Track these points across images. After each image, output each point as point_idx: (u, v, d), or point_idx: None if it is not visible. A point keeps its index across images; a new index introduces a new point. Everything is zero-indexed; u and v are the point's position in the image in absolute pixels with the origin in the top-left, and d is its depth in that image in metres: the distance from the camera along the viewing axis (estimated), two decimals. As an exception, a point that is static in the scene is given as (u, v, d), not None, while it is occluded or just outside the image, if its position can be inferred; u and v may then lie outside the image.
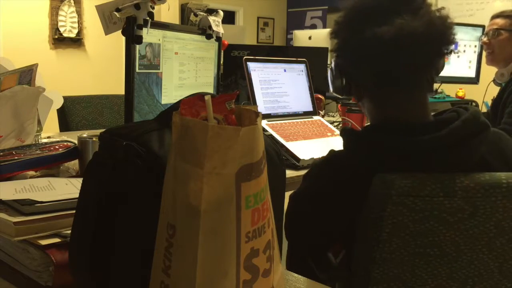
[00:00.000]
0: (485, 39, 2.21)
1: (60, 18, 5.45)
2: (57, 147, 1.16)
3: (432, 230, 0.88)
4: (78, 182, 0.98)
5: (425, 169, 0.89)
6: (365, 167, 0.93)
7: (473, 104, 3.21)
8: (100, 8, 1.39)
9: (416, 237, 0.88)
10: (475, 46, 3.07)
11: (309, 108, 1.79)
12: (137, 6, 1.28)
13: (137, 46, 1.34)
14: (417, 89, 0.99)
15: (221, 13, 1.73)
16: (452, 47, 0.97)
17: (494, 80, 2.24)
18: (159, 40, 1.45)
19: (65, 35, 5.50)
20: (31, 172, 1.10)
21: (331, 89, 1.13)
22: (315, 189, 1.04)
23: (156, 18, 1.36)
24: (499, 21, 2.17)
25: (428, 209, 0.86)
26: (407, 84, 0.98)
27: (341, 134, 1.05)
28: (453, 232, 0.88)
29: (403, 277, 0.90)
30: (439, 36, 0.94)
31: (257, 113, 0.51)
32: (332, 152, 1.07)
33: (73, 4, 5.50)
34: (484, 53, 2.28)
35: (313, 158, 1.43)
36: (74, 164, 1.15)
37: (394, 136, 0.93)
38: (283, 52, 2.86)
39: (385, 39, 0.91)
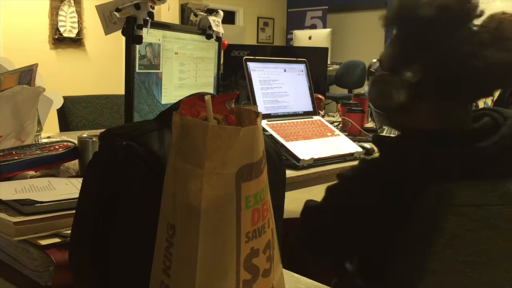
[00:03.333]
0: None
1: (60, 18, 5.45)
2: (57, 147, 1.16)
3: (485, 238, 0.87)
4: (78, 182, 0.98)
5: (477, 179, 0.87)
6: (417, 178, 0.90)
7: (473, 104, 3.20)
8: (100, 8, 1.39)
9: (469, 246, 0.87)
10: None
11: (309, 108, 1.79)
12: (137, 6, 1.28)
13: (137, 46, 1.34)
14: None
15: (221, 13, 1.73)
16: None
17: None
18: (159, 40, 1.45)
19: (65, 35, 5.50)
20: (31, 172, 1.10)
21: (374, 102, 1.02)
22: (356, 202, 0.97)
23: (156, 18, 1.36)
24: None
25: (487, 217, 0.86)
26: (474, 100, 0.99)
27: (375, 142, 1.01)
28: (503, 239, 0.88)
29: (448, 286, 0.90)
30: None
31: (257, 113, 0.51)
32: (369, 163, 1.01)
33: (73, 4, 5.51)
34: None
35: (313, 158, 1.43)
36: (74, 164, 1.15)
37: (444, 146, 0.91)
38: (283, 52, 2.86)
39: (507, 64, 0.89)
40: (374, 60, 1.05)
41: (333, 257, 1.09)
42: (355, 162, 1.50)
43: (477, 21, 0.93)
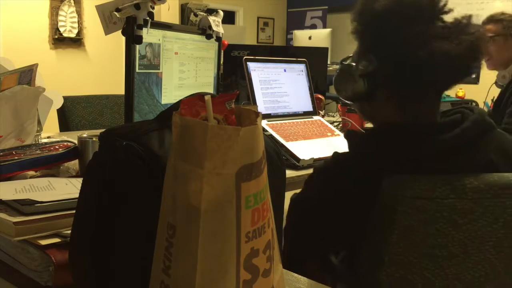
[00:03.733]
0: None
1: (60, 18, 5.45)
2: (57, 147, 1.16)
3: (441, 232, 0.88)
4: (78, 182, 0.98)
5: (437, 170, 0.89)
6: (376, 170, 0.92)
7: (473, 104, 3.21)
8: (100, 8, 1.39)
9: (425, 238, 0.88)
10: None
11: (309, 108, 1.79)
12: (137, 6, 1.28)
13: (137, 46, 1.34)
14: (440, 96, 1.03)
15: (221, 13, 1.73)
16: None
17: (496, 82, 2.24)
18: (159, 40, 1.45)
19: (65, 35, 5.50)
20: (31, 172, 1.10)
21: (338, 91, 1.08)
22: (325, 194, 1.01)
23: (156, 18, 1.36)
24: (492, 27, 2.15)
25: (439, 210, 0.86)
26: (440, 94, 1.03)
27: (346, 137, 1.04)
28: (462, 233, 0.88)
29: (411, 279, 0.90)
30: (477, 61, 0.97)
31: (257, 113, 0.51)
32: (338, 156, 1.04)
33: (73, 4, 5.50)
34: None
35: (313, 158, 1.42)
36: (74, 164, 1.15)
37: (406, 138, 0.94)
38: (283, 52, 2.85)
39: (452, 56, 0.92)
40: (351, 55, 1.09)
41: (310, 248, 1.10)
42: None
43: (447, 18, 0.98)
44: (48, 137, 1.59)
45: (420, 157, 0.92)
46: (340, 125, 2.00)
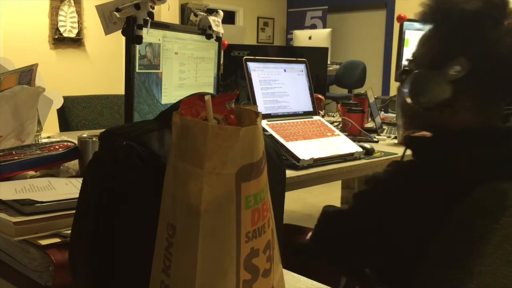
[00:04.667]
0: None
1: (60, 18, 5.45)
2: (57, 147, 1.16)
3: None
4: (78, 182, 0.98)
5: None
6: (463, 178, 0.88)
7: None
8: (100, 8, 1.39)
9: None
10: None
11: (309, 108, 1.79)
12: (137, 6, 1.28)
13: (137, 46, 1.34)
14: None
15: (221, 13, 1.73)
16: None
17: None
18: (159, 40, 1.45)
19: (65, 35, 5.50)
20: (31, 172, 1.10)
21: (418, 101, 0.98)
22: (393, 203, 0.94)
23: (156, 18, 1.35)
24: None
25: None
26: None
27: (412, 143, 1.00)
28: None
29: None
30: None
31: (257, 113, 0.51)
32: (407, 165, 0.97)
33: (73, 4, 5.50)
34: None
35: (313, 158, 1.42)
36: (74, 164, 1.15)
37: (492, 146, 0.91)
38: (283, 52, 2.85)
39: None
40: (406, 62, 1.03)
41: (355, 263, 1.04)
42: (355, 162, 1.51)
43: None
44: (48, 137, 1.59)
45: (506, 164, 0.88)
46: (340, 125, 2.00)
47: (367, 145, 1.63)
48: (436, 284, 0.90)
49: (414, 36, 2.63)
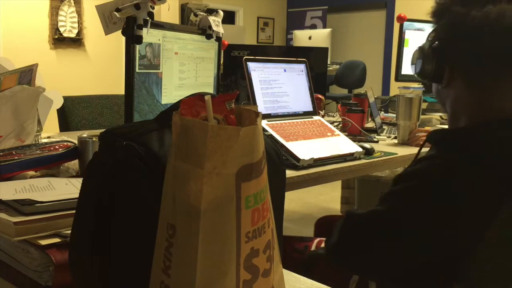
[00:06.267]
0: None
1: (60, 18, 5.45)
2: (57, 147, 1.16)
3: None
4: (78, 182, 0.98)
5: None
6: (499, 171, 0.86)
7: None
8: (100, 8, 1.39)
9: None
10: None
11: (309, 108, 1.79)
12: (137, 6, 1.28)
13: (137, 46, 1.34)
14: None
15: (221, 13, 1.73)
16: None
17: None
18: (159, 40, 1.45)
19: (65, 35, 5.51)
20: (31, 172, 1.10)
21: (415, 71, 1.05)
22: (441, 200, 0.89)
23: (156, 18, 1.35)
24: None
25: None
26: None
27: (439, 137, 0.97)
28: None
29: None
30: None
31: (257, 113, 0.51)
32: (449, 157, 0.92)
33: (73, 4, 5.51)
34: None
35: (313, 158, 1.42)
36: (74, 164, 1.15)
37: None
38: (283, 52, 2.86)
39: (506, 23, 0.87)
40: None
41: (387, 269, 0.96)
42: (355, 162, 1.51)
43: None
44: (48, 137, 1.59)
45: None
46: (340, 125, 2.00)
47: (367, 145, 1.63)
48: (494, 274, 0.87)
49: (414, 36, 2.63)
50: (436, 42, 0.98)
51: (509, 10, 0.87)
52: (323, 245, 1.37)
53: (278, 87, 1.71)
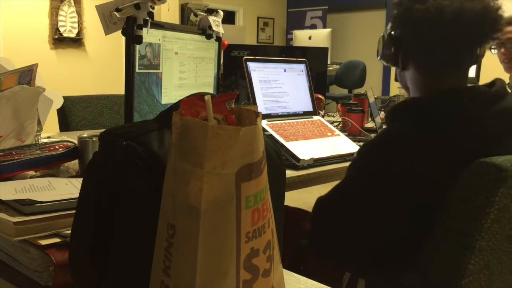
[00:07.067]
0: (502, 49, 2.16)
1: (60, 18, 5.45)
2: (57, 147, 1.16)
3: None
4: (78, 182, 0.98)
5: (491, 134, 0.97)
6: (444, 136, 0.97)
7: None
8: (100, 8, 1.39)
9: (511, 219, 0.85)
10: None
11: (309, 108, 1.79)
12: (137, 6, 1.28)
13: (137, 46, 1.34)
14: (465, 62, 1.09)
15: (221, 13, 1.73)
16: (498, 35, 1.06)
17: (509, 84, 2.24)
18: (159, 40, 1.45)
19: (65, 35, 5.50)
20: (31, 172, 1.10)
21: (379, 55, 1.22)
22: (391, 170, 1.00)
23: (156, 18, 1.35)
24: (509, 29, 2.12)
25: None
26: (458, 56, 1.07)
27: (390, 112, 1.10)
28: None
29: (491, 265, 0.86)
30: (492, 20, 1.03)
31: (257, 113, 0.51)
32: (392, 129, 1.07)
33: (73, 4, 5.51)
34: (495, 58, 2.23)
35: (313, 158, 1.42)
36: (74, 164, 1.15)
37: (468, 103, 1.01)
38: (283, 52, 2.86)
39: (447, 12, 1.00)
40: None
41: (358, 243, 1.06)
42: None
43: None
44: (48, 137, 1.59)
45: (494, 122, 0.97)
46: (340, 125, 2.00)
47: (367, 145, 1.62)
48: (442, 266, 0.90)
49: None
50: (392, 32, 1.13)
51: (447, 5, 1.01)
52: None
53: (278, 87, 1.71)
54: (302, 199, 1.19)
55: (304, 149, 1.47)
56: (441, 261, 0.89)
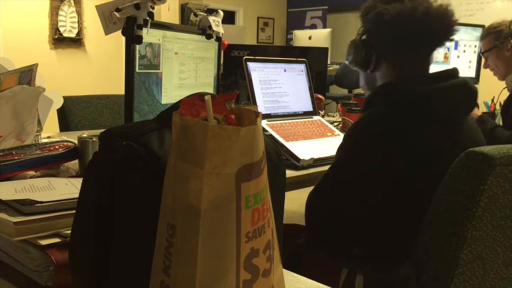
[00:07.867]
0: (483, 63, 2.28)
1: (60, 18, 5.45)
2: (57, 147, 1.16)
3: None
4: (78, 182, 0.98)
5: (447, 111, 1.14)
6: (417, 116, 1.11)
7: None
8: (100, 8, 1.39)
9: (502, 209, 0.86)
10: (475, 46, 3.07)
11: (309, 108, 1.79)
12: (137, 6, 1.28)
13: (137, 46, 1.34)
14: (429, 56, 1.24)
15: (221, 13, 1.73)
16: (454, 35, 1.22)
17: (506, 87, 2.27)
18: (159, 40, 1.45)
19: (65, 35, 5.50)
20: (31, 172, 1.10)
21: (348, 60, 1.32)
22: (369, 146, 1.14)
23: (156, 18, 1.35)
24: (483, 44, 2.28)
25: None
26: (428, 52, 1.23)
27: (367, 99, 1.21)
28: None
29: (484, 255, 0.87)
30: (453, 22, 1.20)
31: (257, 113, 0.51)
32: (374, 110, 1.17)
33: (73, 4, 5.51)
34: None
35: (313, 158, 1.42)
36: (74, 164, 1.15)
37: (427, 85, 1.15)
38: (283, 52, 2.86)
39: (419, 10, 1.15)
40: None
41: (346, 231, 1.17)
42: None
43: None
44: (48, 137, 1.59)
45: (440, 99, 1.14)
46: (340, 125, 2.00)
47: (367, 145, 1.62)
48: (432, 255, 0.91)
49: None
50: (364, 36, 1.27)
51: (421, 5, 1.15)
52: None
53: (278, 87, 1.72)
54: (302, 199, 1.20)
55: (304, 149, 1.47)
56: (433, 251, 0.90)
